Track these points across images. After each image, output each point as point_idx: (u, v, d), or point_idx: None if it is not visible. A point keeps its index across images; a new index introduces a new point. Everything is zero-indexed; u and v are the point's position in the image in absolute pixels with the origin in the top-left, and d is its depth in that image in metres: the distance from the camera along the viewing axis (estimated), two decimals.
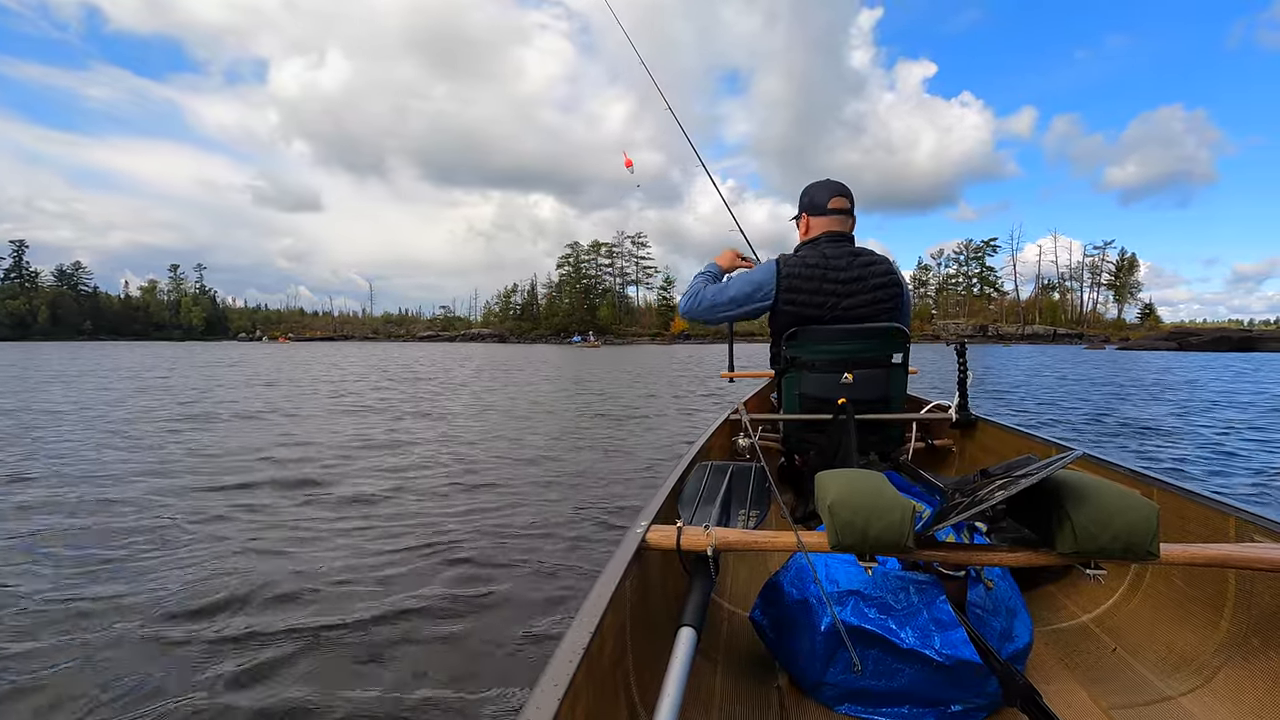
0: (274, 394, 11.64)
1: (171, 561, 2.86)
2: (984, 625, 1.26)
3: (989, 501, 1.06)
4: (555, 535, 3.32)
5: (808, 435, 2.25)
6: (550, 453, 5.68)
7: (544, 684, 0.78)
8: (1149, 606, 1.54)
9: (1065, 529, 1.04)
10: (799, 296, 2.11)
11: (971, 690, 1.19)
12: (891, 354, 2.18)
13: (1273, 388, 13.30)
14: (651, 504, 1.45)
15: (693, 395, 11.88)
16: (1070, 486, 1.08)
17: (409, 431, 7.00)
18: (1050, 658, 1.44)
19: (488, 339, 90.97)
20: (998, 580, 1.35)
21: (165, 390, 12.12)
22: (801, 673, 1.32)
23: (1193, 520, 1.49)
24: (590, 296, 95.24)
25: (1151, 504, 1.03)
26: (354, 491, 4.20)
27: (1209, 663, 1.31)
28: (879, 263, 2.14)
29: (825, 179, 2.26)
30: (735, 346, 3.04)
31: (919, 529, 1.12)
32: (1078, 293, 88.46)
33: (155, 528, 3.36)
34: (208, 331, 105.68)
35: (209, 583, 2.62)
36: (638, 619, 1.21)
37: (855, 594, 1.28)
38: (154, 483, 4.42)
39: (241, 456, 5.42)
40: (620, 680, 1.10)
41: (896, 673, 1.22)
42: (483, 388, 13.29)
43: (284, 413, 8.66)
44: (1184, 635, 1.40)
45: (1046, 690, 1.19)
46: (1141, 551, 1.01)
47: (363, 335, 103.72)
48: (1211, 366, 22.45)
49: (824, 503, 1.16)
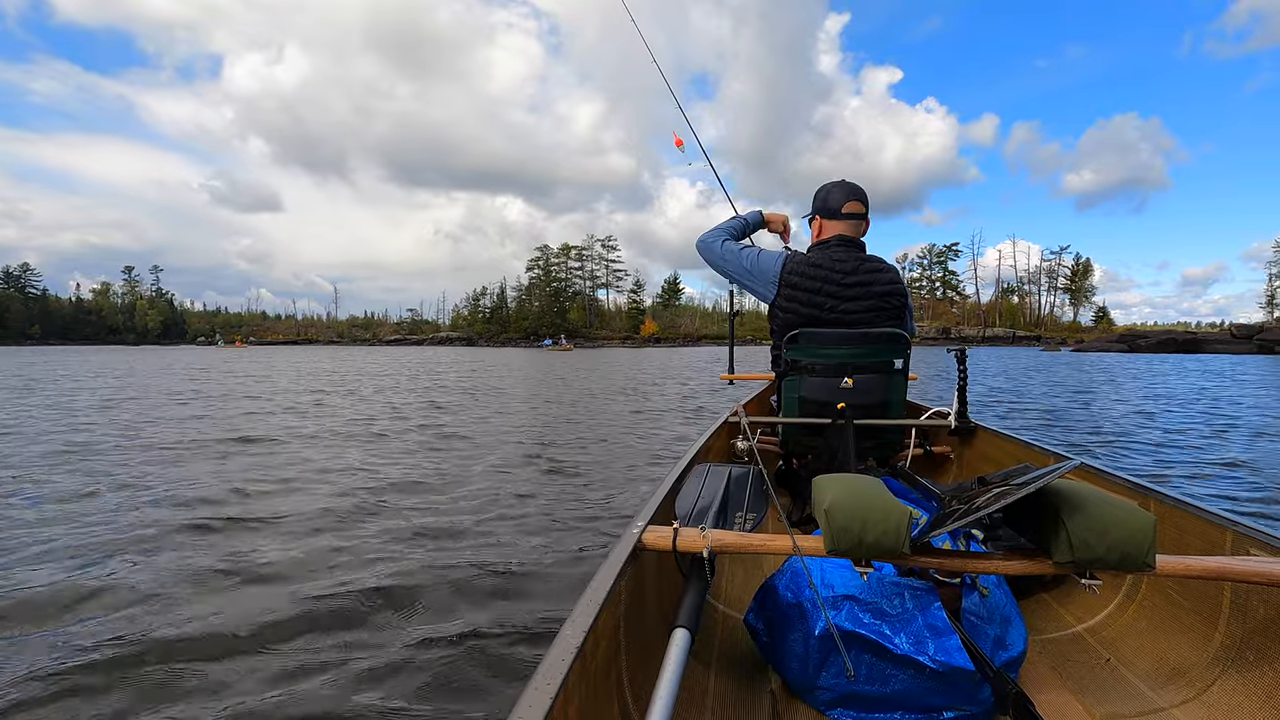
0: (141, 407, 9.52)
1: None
2: (978, 633, 1.27)
3: (986, 509, 1.06)
4: (551, 535, 3.28)
5: (806, 439, 2.24)
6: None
7: (537, 682, 0.78)
8: (1144, 618, 1.54)
9: (1062, 538, 1.05)
10: (799, 295, 2.11)
11: (964, 697, 1.19)
12: (892, 360, 2.18)
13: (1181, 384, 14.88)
14: (648, 504, 1.45)
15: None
16: (1067, 496, 1.08)
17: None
18: (1044, 667, 1.44)
19: (456, 342, 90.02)
20: (993, 588, 1.35)
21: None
22: (795, 676, 1.32)
23: (1189, 532, 1.49)
24: (560, 299, 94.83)
25: (1148, 515, 1.04)
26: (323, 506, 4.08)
27: (1203, 675, 1.31)
28: (885, 271, 2.14)
29: (841, 180, 2.24)
30: (735, 348, 3.05)
31: (915, 535, 1.13)
32: (1036, 296, 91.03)
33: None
34: (164, 335, 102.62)
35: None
36: (632, 619, 1.21)
37: (850, 599, 1.28)
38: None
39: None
40: (614, 680, 1.10)
41: (890, 678, 1.22)
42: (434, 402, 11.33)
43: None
44: (1178, 647, 1.40)
45: (1039, 699, 1.19)
46: (1138, 562, 1.02)
47: (327, 339, 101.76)
48: (1153, 367, 23.94)
49: (821, 507, 1.16)
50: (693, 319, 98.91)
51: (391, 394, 12.41)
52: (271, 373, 19.99)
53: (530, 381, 16.16)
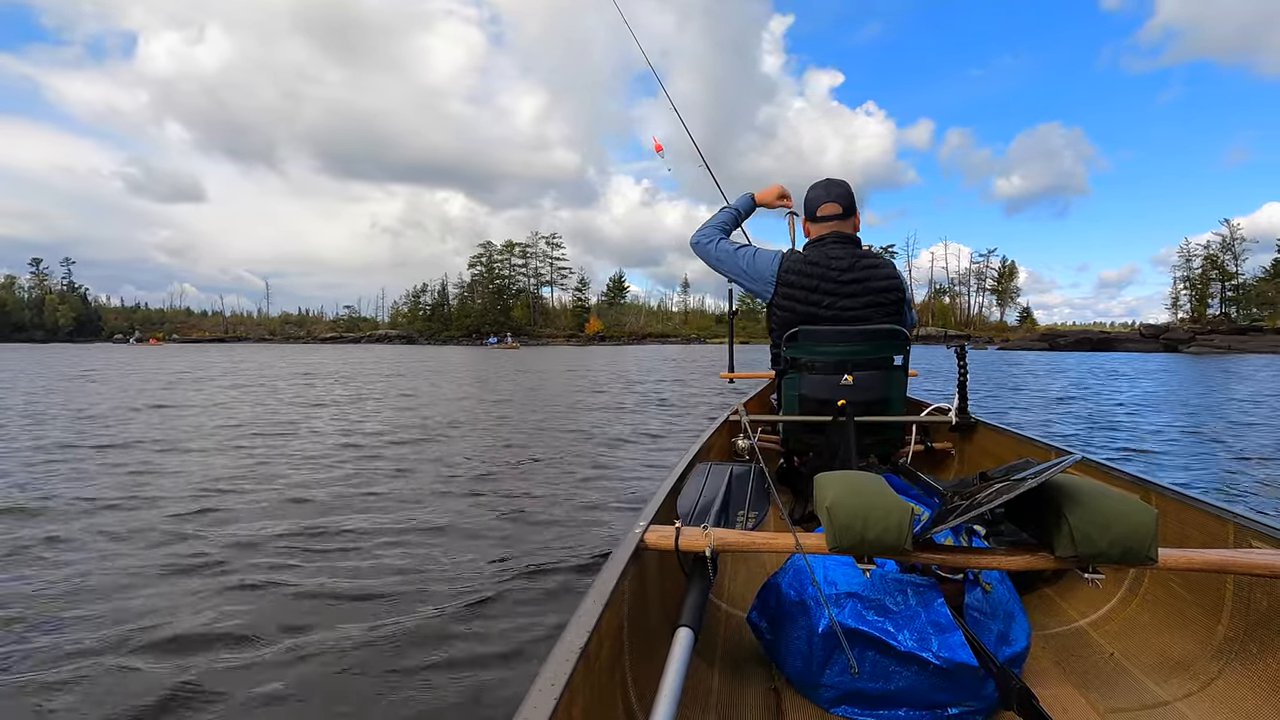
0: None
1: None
2: (981, 628, 1.28)
3: (988, 505, 1.07)
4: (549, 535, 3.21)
5: (807, 437, 2.24)
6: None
7: (540, 683, 0.77)
8: (1147, 611, 1.55)
9: (1064, 533, 1.06)
10: (796, 293, 2.10)
11: (968, 693, 1.20)
12: (891, 356, 2.18)
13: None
14: (650, 504, 1.43)
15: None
16: (1069, 490, 1.09)
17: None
18: (1047, 661, 1.44)
19: (395, 340, 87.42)
20: (996, 584, 1.37)
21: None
22: (798, 674, 1.31)
23: (1191, 525, 1.51)
24: (504, 297, 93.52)
25: (1150, 509, 1.05)
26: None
27: (1206, 668, 1.32)
28: (883, 266, 2.14)
29: (824, 180, 2.24)
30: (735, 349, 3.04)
31: (917, 531, 1.13)
32: (966, 297, 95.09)
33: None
34: (77, 332, 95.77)
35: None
36: (635, 619, 1.20)
37: (853, 596, 1.28)
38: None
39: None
40: (617, 680, 1.09)
41: (893, 675, 1.23)
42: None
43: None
44: (1181, 640, 1.42)
45: (1043, 694, 1.20)
46: (1140, 556, 1.03)
47: (258, 337, 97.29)
48: (1065, 363, 26.81)
49: (823, 504, 1.16)
50: (638, 317, 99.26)
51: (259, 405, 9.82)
52: (160, 372, 17.73)
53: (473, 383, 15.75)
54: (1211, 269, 66.91)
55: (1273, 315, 56.31)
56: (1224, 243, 66.58)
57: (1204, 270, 67.42)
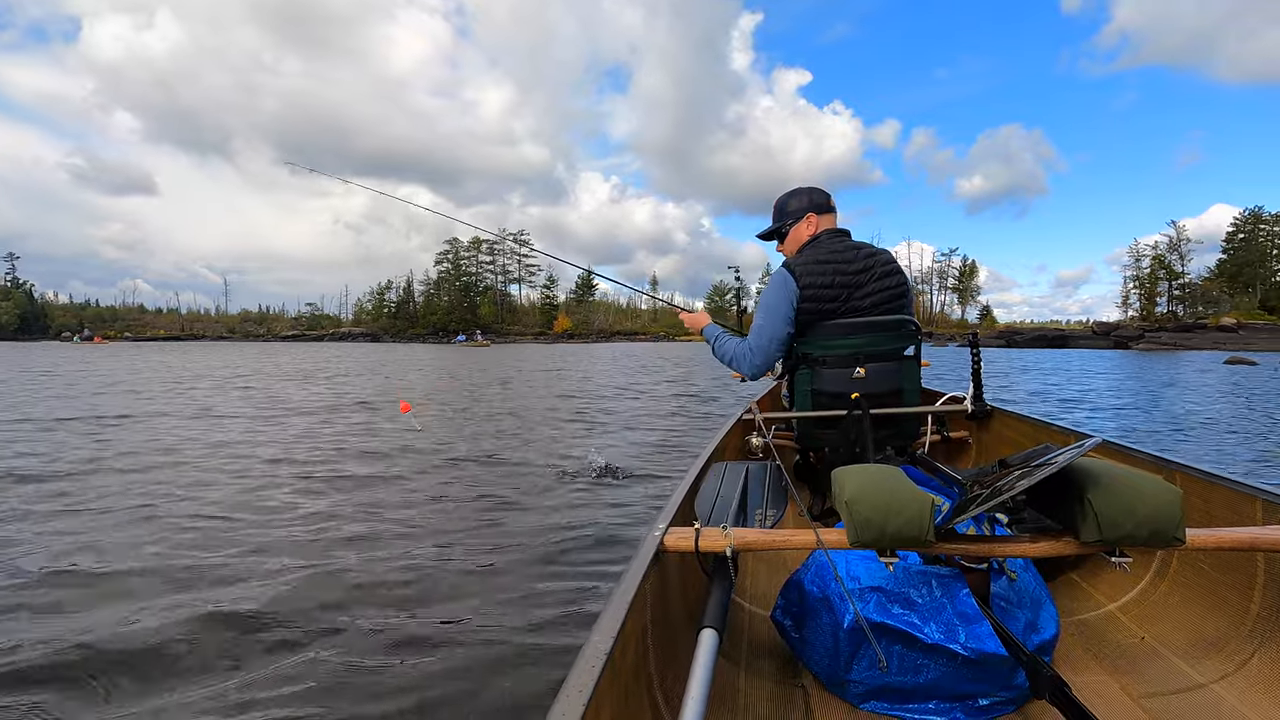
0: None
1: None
2: (1009, 617, 1.28)
3: (1009, 492, 1.07)
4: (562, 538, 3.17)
5: (822, 432, 2.21)
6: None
7: (567, 691, 0.77)
8: (1176, 593, 1.54)
9: (1089, 517, 1.05)
10: (820, 293, 2.09)
11: (999, 683, 1.20)
12: (903, 347, 2.18)
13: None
14: (668, 506, 1.41)
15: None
16: (1092, 474, 1.09)
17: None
18: (1078, 648, 1.43)
19: (359, 338, 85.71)
20: (1021, 571, 1.36)
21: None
22: (826, 671, 1.30)
23: (1218, 504, 1.50)
24: (471, 294, 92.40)
25: (1175, 489, 1.04)
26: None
27: (1241, 648, 1.31)
28: (880, 253, 2.15)
29: (794, 189, 2.28)
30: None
31: (939, 522, 1.12)
32: (928, 295, 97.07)
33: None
34: (21, 330, 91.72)
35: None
36: (659, 622, 1.18)
37: (877, 590, 1.28)
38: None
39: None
40: (644, 685, 1.08)
41: (922, 668, 1.22)
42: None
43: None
44: (1214, 621, 1.41)
45: (1075, 681, 1.19)
46: (1168, 537, 1.02)
47: (216, 335, 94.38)
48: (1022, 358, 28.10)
49: (842, 499, 1.15)
50: (606, 315, 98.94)
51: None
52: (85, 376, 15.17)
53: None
54: (1159, 269, 69.44)
55: (1216, 313, 58.64)
56: (1171, 243, 69.29)
57: (1152, 270, 69.91)
